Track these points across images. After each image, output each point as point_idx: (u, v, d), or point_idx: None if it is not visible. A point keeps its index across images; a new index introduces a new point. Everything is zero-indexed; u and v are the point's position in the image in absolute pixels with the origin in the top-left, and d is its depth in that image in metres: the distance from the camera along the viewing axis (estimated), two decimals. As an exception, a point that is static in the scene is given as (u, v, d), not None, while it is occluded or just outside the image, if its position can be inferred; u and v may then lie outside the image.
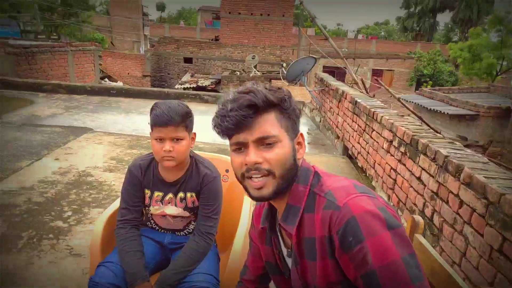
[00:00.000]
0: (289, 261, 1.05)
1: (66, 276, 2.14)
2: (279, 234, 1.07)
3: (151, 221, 1.68)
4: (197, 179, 1.57)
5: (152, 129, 1.48)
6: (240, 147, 0.90)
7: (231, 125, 0.87)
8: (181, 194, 1.58)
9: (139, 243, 1.54)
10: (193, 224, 1.66)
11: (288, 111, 0.92)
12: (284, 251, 1.05)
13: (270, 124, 0.88)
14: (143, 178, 1.58)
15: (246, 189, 0.93)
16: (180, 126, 1.45)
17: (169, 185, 1.59)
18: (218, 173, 1.62)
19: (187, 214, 1.62)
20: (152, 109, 1.48)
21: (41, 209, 2.86)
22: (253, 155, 0.88)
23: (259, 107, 0.87)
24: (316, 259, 0.89)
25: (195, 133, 1.56)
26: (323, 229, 0.85)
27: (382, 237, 0.78)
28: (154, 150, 1.49)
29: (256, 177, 0.89)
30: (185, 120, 1.47)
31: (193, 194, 1.59)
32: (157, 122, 1.44)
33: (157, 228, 1.69)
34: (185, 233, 1.68)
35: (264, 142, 0.88)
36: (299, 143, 0.96)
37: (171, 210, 1.60)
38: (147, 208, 1.62)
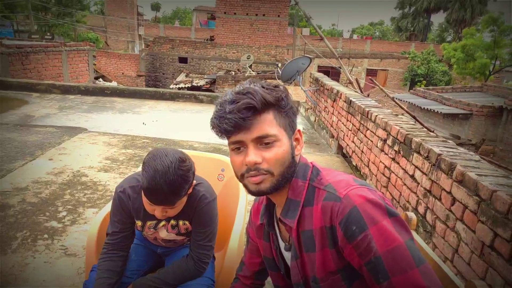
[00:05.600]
0: (286, 255, 1.07)
1: (61, 276, 2.14)
2: (277, 229, 1.08)
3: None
4: (191, 206, 1.44)
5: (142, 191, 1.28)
6: (239, 147, 0.91)
7: (230, 127, 0.87)
8: (172, 222, 1.49)
9: (115, 263, 1.43)
10: (187, 243, 1.62)
11: (285, 110, 0.92)
12: (282, 245, 1.07)
13: (268, 123, 0.89)
14: (132, 207, 1.45)
15: (245, 186, 0.94)
16: (175, 203, 1.30)
17: None
18: (214, 195, 1.49)
19: (180, 238, 1.55)
20: (144, 169, 1.23)
21: (36, 210, 2.85)
22: (252, 155, 0.88)
23: (257, 109, 0.87)
24: (316, 250, 0.91)
25: (194, 182, 1.38)
26: (324, 220, 0.88)
27: (384, 224, 0.81)
28: (145, 208, 1.36)
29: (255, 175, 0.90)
30: (183, 193, 1.28)
31: (186, 222, 1.48)
32: (147, 196, 1.26)
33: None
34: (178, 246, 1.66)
35: (263, 142, 0.89)
36: (296, 139, 0.98)
37: (164, 233, 1.53)
38: (139, 231, 1.56)
